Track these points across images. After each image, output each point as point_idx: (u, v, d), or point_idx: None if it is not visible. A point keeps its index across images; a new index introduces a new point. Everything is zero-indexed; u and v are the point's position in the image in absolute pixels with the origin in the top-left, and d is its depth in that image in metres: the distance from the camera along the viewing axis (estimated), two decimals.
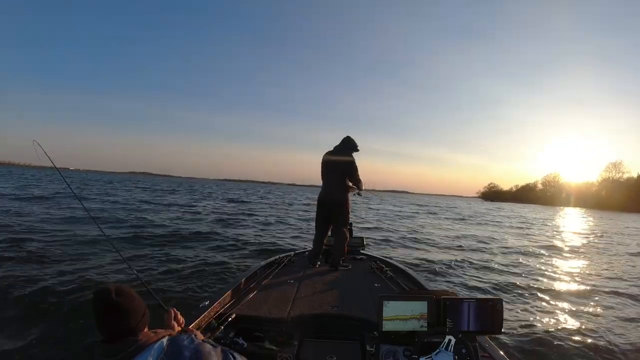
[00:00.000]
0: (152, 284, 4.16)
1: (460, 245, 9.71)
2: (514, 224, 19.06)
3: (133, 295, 1.08)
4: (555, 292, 5.37)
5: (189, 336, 1.11)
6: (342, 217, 3.72)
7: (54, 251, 5.74)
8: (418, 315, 1.55)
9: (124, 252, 5.92)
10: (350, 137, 3.78)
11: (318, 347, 1.96)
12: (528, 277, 6.26)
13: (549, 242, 11.89)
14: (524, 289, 5.37)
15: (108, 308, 1.01)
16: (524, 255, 8.72)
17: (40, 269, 4.72)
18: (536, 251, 9.56)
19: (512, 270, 6.79)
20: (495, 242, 10.94)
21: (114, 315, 1.01)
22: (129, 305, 1.04)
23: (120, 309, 1.02)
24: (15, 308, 3.49)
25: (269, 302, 2.45)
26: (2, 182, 25.76)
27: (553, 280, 6.14)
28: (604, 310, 4.57)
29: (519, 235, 13.75)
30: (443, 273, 6.07)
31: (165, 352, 1.01)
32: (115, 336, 1.02)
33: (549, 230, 17.19)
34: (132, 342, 1.00)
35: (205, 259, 5.99)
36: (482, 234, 12.96)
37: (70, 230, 7.62)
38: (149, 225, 9.55)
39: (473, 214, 26.05)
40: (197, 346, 1.06)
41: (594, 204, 73.63)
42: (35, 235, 6.88)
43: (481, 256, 8.15)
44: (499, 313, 1.56)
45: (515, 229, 16.11)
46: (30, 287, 3.93)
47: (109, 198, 18.42)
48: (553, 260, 8.42)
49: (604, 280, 6.27)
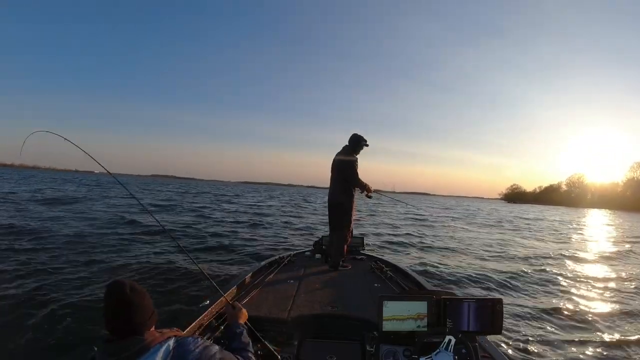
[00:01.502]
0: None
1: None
2: (563, 231, 16.63)
3: (145, 293, 1.08)
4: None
5: (195, 339, 1.12)
6: (342, 218, 3.68)
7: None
8: (418, 316, 1.55)
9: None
10: (356, 134, 3.71)
11: (318, 347, 1.97)
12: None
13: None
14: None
15: (119, 301, 1.01)
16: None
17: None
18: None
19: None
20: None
21: (124, 309, 1.01)
22: (139, 301, 1.04)
23: (132, 304, 1.02)
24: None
25: (269, 302, 2.45)
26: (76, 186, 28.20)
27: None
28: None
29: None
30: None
31: (172, 355, 1.01)
32: (120, 332, 1.02)
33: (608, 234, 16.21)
34: (137, 342, 0.99)
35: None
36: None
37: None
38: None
39: (512, 219, 23.34)
40: (203, 349, 1.07)
41: (619, 205, 72.17)
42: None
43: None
44: (499, 313, 1.56)
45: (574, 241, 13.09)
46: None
47: (187, 205, 17.55)
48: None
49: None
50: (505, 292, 5.28)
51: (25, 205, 12.66)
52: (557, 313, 4.31)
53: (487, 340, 1.86)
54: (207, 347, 1.09)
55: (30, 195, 16.96)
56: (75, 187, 28.23)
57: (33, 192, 19.12)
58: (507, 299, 4.79)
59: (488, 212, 32.69)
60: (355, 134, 3.72)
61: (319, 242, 4.32)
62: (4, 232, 7.24)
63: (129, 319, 1.01)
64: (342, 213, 3.68)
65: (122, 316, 1.01)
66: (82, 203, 15.14)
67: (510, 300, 4.73)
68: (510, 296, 5.04)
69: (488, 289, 5.37)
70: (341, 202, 3.67)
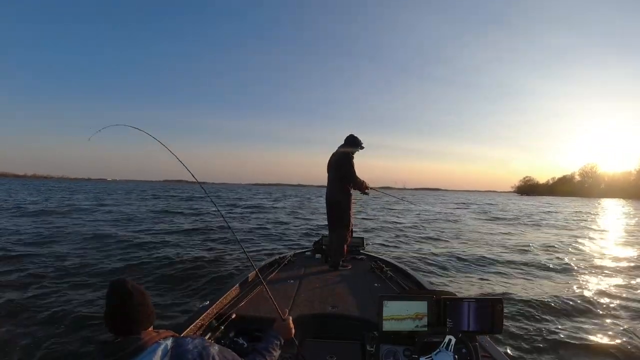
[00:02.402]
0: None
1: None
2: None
3: (144, 293, 1.10)
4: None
5: (193, 338, 1.10)
6: (340, 216, 3.69)
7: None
8: (418, 315, 1.55)
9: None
10: (352, 135, 3.72)
11: (318, 347, 1.96)
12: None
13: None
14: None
15: (121, 299, 1.03)
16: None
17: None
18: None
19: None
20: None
21: (124, 306, 1.03)
22: (140, 300, 1.06)
23: (132, 301, 1.04)
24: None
25: (269, 302, 2.45)
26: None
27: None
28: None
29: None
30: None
31: (170, 355, 1.00)
32: (119, 331, 1.03)
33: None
34: (134, 341, 0.99)
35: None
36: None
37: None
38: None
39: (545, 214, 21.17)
40: (202, 349, 1.06)
41: (633, 194, 71.29)
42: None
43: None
44: (499, 313, 1.56)
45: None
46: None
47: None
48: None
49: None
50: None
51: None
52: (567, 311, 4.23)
53: (488, 340, 1.86)
54: (206, 347, 1.07)
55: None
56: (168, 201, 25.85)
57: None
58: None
59: (518, 208, 29.15)
60: (351, 134, 3.73)
61: (319, 242, 4.32)
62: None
63: (127, 318, 1.02)
64: (341, 211, 3.69)
65: (120, 315, 1.03)
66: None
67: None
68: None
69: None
70: (339, 201, 3.69)
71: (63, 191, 36.12)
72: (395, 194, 7.62)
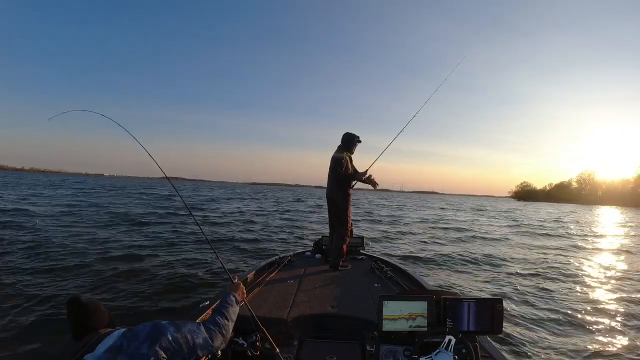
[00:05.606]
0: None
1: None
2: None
3: (97, 302, 1.34)
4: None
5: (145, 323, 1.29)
6: (338, 216, 3.73)
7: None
8: (417, 315, 1.55)
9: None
10: (348, 132, 3.83)
11: (318, 347, 1.96)
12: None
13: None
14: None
15: (78, 310, 1.26)
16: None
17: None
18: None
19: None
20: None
21: (82, 316, 1.25)
22: (93, 308, 1.30)
23: (87, 311, 1.27)
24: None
25: (269, 302, 2.45)
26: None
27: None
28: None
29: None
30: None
31: (124, 334, 1.20)
32: (80, 333, 1.24)
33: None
34: (94, 335, 1.22)
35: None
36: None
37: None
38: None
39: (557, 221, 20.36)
40: (154, 324, 1.25)
41: (630, 202, 72.04)
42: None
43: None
44: (499, 313, 1.56)
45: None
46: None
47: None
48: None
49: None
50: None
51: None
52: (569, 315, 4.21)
53: (488, 340, 1.86)
54: (157, 322, 1.26)
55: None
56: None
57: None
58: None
59: (522, 213, 29.07)
60: (347, 132, 3.83)
61: (319, 242, 4.32)
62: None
63: (86, 325, 1.25)
64: (339, 209, 3.73)
65: (80, 324, 1.25)
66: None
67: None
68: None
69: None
70: (335, 200, 3.75)
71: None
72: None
